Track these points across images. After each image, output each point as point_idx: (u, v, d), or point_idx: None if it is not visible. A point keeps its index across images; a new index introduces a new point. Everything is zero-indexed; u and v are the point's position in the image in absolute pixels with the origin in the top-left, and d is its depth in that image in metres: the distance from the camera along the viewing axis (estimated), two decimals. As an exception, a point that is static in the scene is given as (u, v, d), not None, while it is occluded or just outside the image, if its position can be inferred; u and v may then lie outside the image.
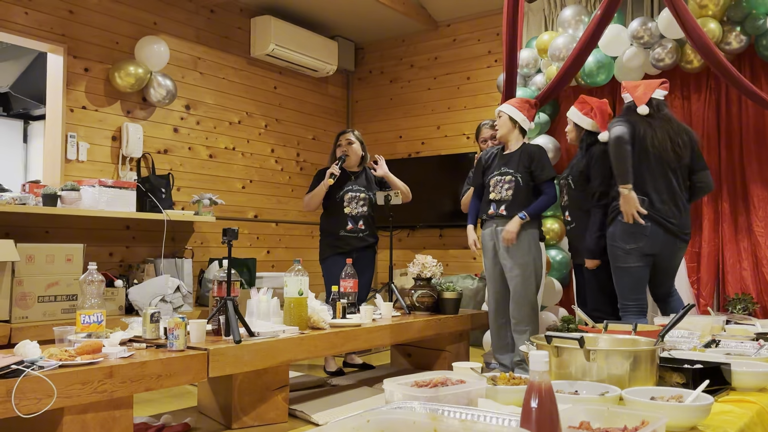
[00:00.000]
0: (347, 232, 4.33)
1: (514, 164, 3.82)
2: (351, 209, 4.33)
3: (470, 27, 5.94)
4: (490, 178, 3.89)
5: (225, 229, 2.89)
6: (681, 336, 2.53)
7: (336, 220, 4.35)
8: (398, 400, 1.50)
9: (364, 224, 4.35)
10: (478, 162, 4.07)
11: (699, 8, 4.12)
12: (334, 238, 4.36)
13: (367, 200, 4.37)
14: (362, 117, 6.57)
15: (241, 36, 5.55)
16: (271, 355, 2.86)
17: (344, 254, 4.27)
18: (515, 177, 3.79)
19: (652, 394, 1.63)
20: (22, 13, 4.15)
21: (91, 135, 4.50)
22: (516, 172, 3.80)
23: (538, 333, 3.71)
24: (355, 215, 4.33)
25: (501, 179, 3.83)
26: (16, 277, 3.51)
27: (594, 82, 4.61)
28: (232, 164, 5.48)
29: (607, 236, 3.55)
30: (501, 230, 3.79)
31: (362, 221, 4.35)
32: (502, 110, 3.89)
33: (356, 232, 4.33)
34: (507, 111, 3.87)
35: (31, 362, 2.09)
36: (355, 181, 4.39)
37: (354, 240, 4.34)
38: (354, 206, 4.33)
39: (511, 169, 3.82)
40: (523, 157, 3.81)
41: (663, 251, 3.45)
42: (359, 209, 4.34)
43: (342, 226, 4.33)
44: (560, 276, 4.70)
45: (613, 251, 3.51)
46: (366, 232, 4.37)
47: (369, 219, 4.39)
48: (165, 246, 4.61)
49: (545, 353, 1.14)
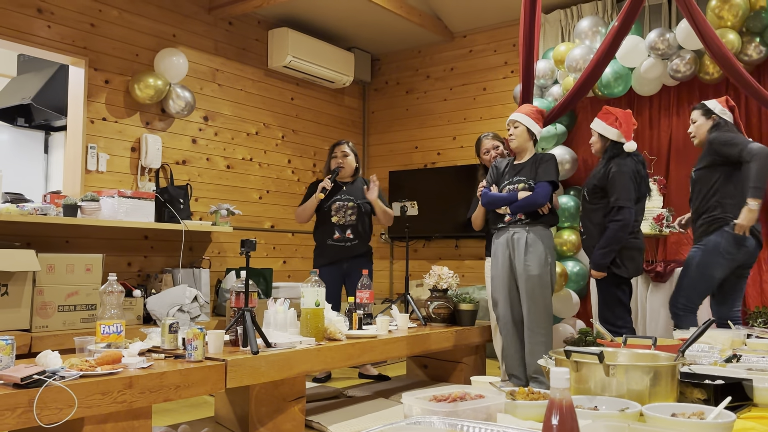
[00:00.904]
0: (334, 241, 4.32)
1: (526, 172, 3.79)
2: (338, 218, 4.32)
3: (486, 38, 5.95)
4: (502, 188, 3.84)
5: (243, 240, 2.91)
6: (701, 350, 2.50)
7: (324, 229, 4.37)
8: (417, 415, 1.50)
9: (352, 233, 4.32)
10: (493, 170, 3.99)
11: (717, 19, 4.11)
12: (322, 248, 4.37)
13: (356, 209, 4.33)
14: (378, 128, 6.60)
15: (258, 48, 5.60)
16: (288, 366, 2.87)
17: (332, 264, 4.28)
18: (528, 184, 3.75)
19: (673, 410, 1.61)
20: (45, 26, 4.22)
21: (111, 146, 4.55)
22: (528, 179, 3.76)
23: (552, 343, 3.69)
24: (342, 224, 4.31)
25: (514, 187, 3.79)
26: (37, 287, 3.56)
27: (611, 93, 4.59)
28: (250, 175, 5.52)
29: (707, 244, 3.62)
30: (518, 237, 3.73)
31: (350, 230, 4.31)
32: (519, 121, 3.84)
33: (344, 241, 4.31)
34: (525, 123, 3.84)
35: (53, 372, 2.11)
36: (345, 191, 4.38)
37: (341, 250, 4.31)
38: (342, 215, 4.32)
39: (523, 176, 3.79)
40: (536, 165, 3.79)
41: (751, 261, 3.68)
42: (347, 218, 4.31)
43: (329, 236, 4.33)
44: (577, 288, 4.67)
45: (709, 258, 3.61)
46: (355, 242, 4.33)
47: (359, 228, 4.34)
48: (183, 256, 4.64)
49: (566, 370, 1.14)
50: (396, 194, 6.08)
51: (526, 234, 3.72)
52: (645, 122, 4.82)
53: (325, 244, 4.35)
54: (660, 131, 4.79)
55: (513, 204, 3.73)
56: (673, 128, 4.72)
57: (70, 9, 4.35)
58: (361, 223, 4.36)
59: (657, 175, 4.65)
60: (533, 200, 3.69)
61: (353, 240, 4.32)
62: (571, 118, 4.93)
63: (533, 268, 3.68)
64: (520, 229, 3.75)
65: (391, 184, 6.26)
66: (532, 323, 3.71)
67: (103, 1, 4.52)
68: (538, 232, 3.72)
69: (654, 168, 4.72)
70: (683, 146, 4.71)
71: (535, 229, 3.72)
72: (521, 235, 3.73)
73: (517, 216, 3.75)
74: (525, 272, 3.71)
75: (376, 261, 6.09)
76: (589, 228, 3.84)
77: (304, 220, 4.43)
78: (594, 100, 4.84)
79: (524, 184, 3.75)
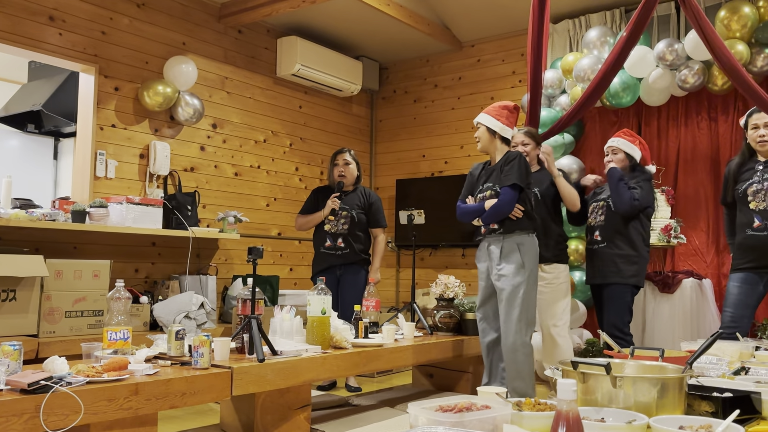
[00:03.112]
0: (326, 249, 4.37)
1: (495, 177, 3.58)
2: (331, 226, 4.35)
3: (495, 47, 5.96)
4: (477, 195, 3.68)
5: (250, 248, 2.91)
6: (709, 362, 2.48)
7: (318, 236, 4.43)
8: (423, 425, 1.50)
9: (343, 242, 4.33)
10: (469, 177, 3.84)
11: (726, 30, 4.10)
12: (316, 254, 4.44)
13: (350, 218, 4.35)
14: (386, 136, 6.61)
15: (267, 56, 5.63)
16: (294, 374, 2.87)
17: (323, 271, 4.30)
18: (494, 190, 3.54)
19: (681, 423, 1.60)
20: (56, 34, 4.26)
21: (120, 153, 4.58)
22: (495, 184, 3.55)
23: None
24: (334, 232, 4.34)
25: (483, 195, 3.61)
26: (44, 293, 3.57)
27: (619, 104, 4.59)
28: (257, 182, 5.53)
29: None
30: (493, 249, 3.54)
31: (341, 239, 4.33)
32: (479, 121, 3.66)
33: (335, 249, 4.34)
34: (483, 121, 3.62)
35: (60, 378, 2.12)
36: (342, 200, 4.39)
37: (332, 257, 4.34)
38: (334, 224, 4.34)
39: (491, 182, 3.59)
40: (503, 168, 3.55)
41: None
42: (339, 227, 4.34)
43: (321, 243, 4.38)
44: (584, 298, 4.65)
45: None
46: (346, 250, 4.33)
47: (350, 237, 4.35)
48: (190, 263, 4.66)
49: (573, 381, 1.14)
50: (403, 203, 6.09)
51: (501, 244, 3.52)
52: (653, 133, 4.82)
53: (318, 251, 4.42)
54: (668, 142, 4.78)
55: (482, 215, 3.55)
56: (681, 139, 4.72)
57: (82, 17, 4.38)
58: (352, 233, 4.35)
59: (665, 186, 4.64)
60: (497, 209, 3.48)
61: (344, 249, 4.33)
62: (579, 128, 4.93)
63: (507, 279, 3.46)
64: (495, 239, 3.55)
65: (398, 193, 6.26)
66: (507, 337, 3.47)
67: (114, 9, 4.56)
68: (514, 240, 3.49)
69: (662, 178, 4.70)
70: (691, 157, 4.70)
71: (511, 238, 3.50)
72: (497, 246, 3.53)
73: (490, 226, 3.56)
74: (499, 283, 3.51)
75: (383, 269, 6.08)
76: (612, 236, 3.91)
77: (303, 230, 4.49)
78: (602, 109, 4.84)
79: (491, 191, 3.55)
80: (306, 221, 4.42)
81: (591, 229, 4.04)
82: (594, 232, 4.01)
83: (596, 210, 4.05)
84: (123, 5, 4.61)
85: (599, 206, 4.03)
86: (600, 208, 4.02)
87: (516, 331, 3.45)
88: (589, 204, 4.12)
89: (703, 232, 4.58)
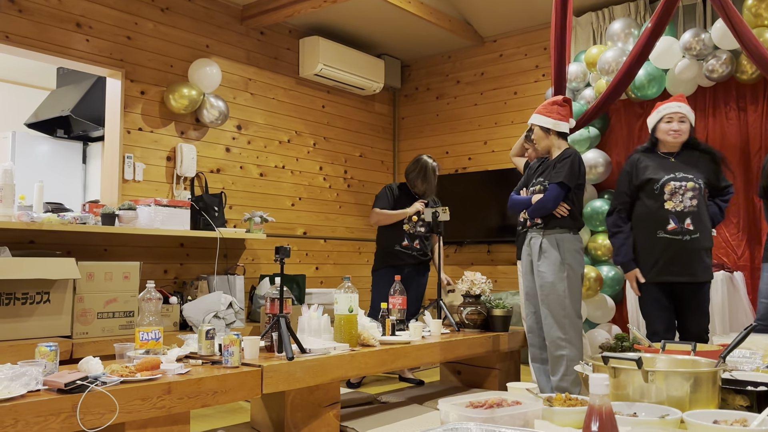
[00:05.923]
0: (402, 248, 4.48)
1: (548, 172, 3.60)
2: (410, 227, 4.50)
3: (517, 42, 5.92)
4: (530, 188, 3.71)
5: (278, 248, 2.94)
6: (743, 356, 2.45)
7: (394, 234, 4.50)
8: (453, 421, 1.50)
9: (419, 243, 4.51)
10: (527, 169, 3.88)
11: (754, 18, 4.03)
12: (388, 251, 4.51)
13: (427, 223, 4.52)
14: (409, 133, 6.61)
15: (290, 57, 5.66)
16: (323, 372, 2.89)
17: (395, 268, 4.42)
18: (544, 185, 3.57)
19: (715, 417, 1.58)
20: (83, 40, 4.33)
21: (147, 155, 4.64)
22: (545, 180, 3.58)
23: (580, 355, 3.50)
24: (412, 233, 4.50)
25: (533, 189, 3.64)
26: (77, 294, 3.64)
27: (644, 96, 4.53)
28: (282, 182, 5.57)
29: None
30: (534, 243, 3.58)
31: (418, 240, 4.50)
32: (532, 122, 3.69)
33: (411, 249, 4.49)
34: (535, 121, 3.66)
35: (95, 378, 2.16)
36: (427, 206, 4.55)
37: (407, 256, 4.49)
38: (413, 225, 4.49)
39: (543, 177, 3.62)
40: (555, 165, 3.57)
41: None
42: (417, 229, 4.50)
43: (398, 241, 4.48)
44: (613, 293, 4.60)
45: None
46: (420, 252, 4.52)
47: (424, 240, 4.54)
48: (218, 263, 4.71)
49: (605, 376, 1.13)
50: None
51: (540, 239, 3.55)
52: (680, 124, 4.74)
53: (392, 249, 4.48)
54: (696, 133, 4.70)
55: (528, 208, 3.60)
56: (709, 129, 4.64)
57: (107, 23, 4.45)
58: (427, 237, 4.57)
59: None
60: (541, 204, 3.51)
61: (419, 250, 4.51)
62: (604, 121, 4.88)
63: (547, 275, 3.48)
64: (536, 234, 3.59)
65: (423, 190, 6.26)
66: (549, 335, 3.49)
67: (138, 14, 4.62)
68: (555, 237, 3.51)
69: (690, 170, 4.62)
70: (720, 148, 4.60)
71: (551, 234, 3.52)
72: (537, 240, 3.57)
73: (534, 220, 3.60)
74: (540, 279, 3.53)
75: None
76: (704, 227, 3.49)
77: (380, 224, 4.56)
78: (627, 102, 4.79)
79: (540, 186, 3.59)
80: (387, 217, 4.48)
81: (677, 215, 3.46)
82: (685, 220, 3.45)
83: (679, 192, 3.46)
84: (147, 10, 4.67)
85: (685, 188, 3.46)
86: (688, 190, 3.45)
87: (558, 328, 3.45)
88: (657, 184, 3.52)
89: (733, 225, 4.50)
